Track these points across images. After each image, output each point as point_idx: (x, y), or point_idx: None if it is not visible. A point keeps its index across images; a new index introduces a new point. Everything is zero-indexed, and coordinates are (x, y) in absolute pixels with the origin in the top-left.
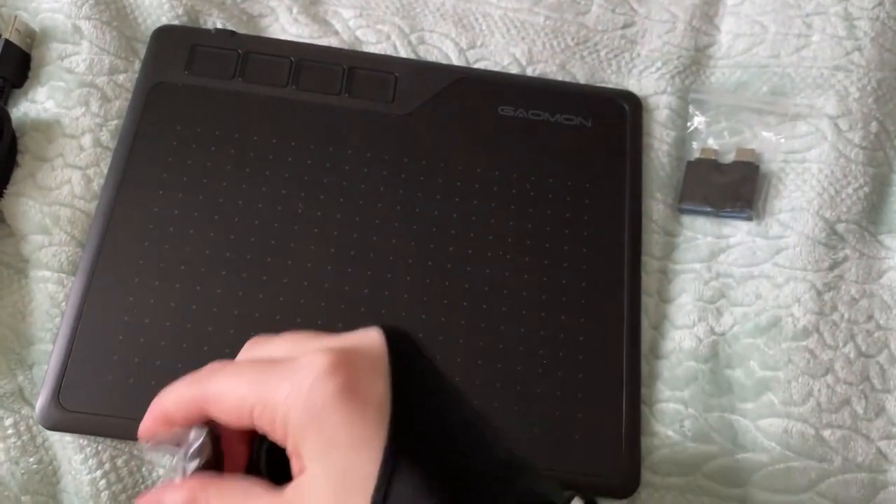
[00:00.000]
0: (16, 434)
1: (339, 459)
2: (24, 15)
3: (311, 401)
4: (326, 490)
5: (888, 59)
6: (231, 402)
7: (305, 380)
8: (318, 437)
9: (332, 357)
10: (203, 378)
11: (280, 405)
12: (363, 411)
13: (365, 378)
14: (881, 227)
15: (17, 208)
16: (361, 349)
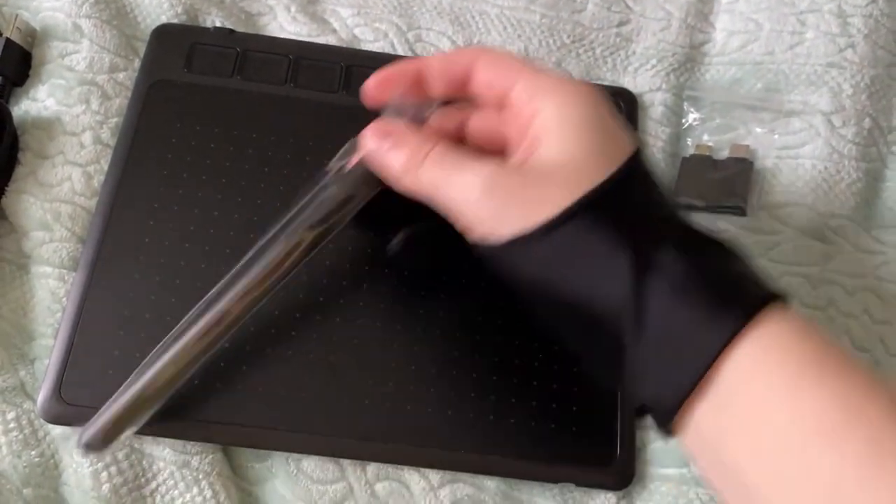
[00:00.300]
0: (18, 428)
1: (580, 156)
2: (25, 14)
3: (579, 104)
4: (559, 167)
5: (881, 55)
6: (503, 70)
7: (580, 89)
8: (573, 134)
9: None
10: (479, 50)
11: (549, 93)
12: (613, 139)
13: (616, 115)
14: (874, 221)
15: (18, 205)
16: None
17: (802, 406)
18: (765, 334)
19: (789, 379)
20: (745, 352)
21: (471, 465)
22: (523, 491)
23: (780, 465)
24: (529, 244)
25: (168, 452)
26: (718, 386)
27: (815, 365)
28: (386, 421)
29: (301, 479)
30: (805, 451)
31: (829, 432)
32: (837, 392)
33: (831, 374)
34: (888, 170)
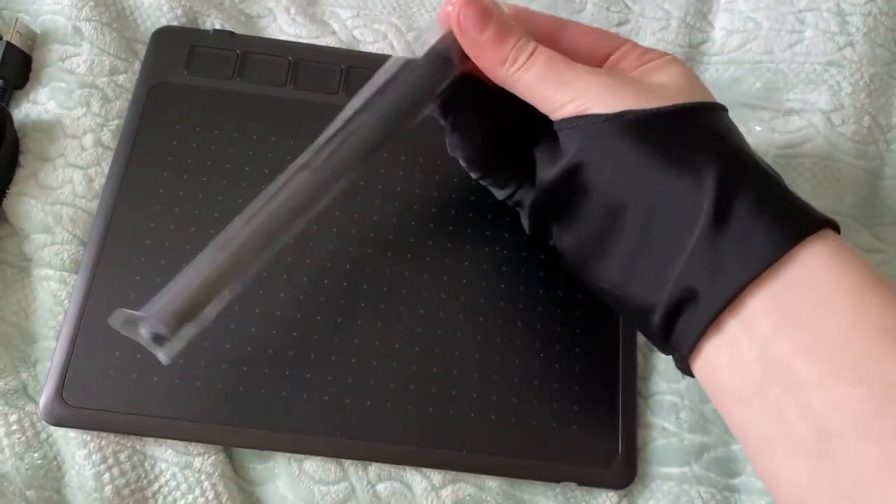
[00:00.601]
0: (20, 430)
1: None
2: (25, 17)
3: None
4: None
5: (880, 54)
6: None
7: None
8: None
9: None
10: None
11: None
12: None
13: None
14: (874, 220)
15: (19, 208)
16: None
17: (864, 308)
18: (831, 244)
19: (853, 283)
20: (814, 252)
21: (472, 464)
22: (525, 490)
23: (834, 363)
24: (637, 118)
25: (170, 454)
26: (779, 282)
27: (876, 277)
28: (387, 421)
29: (303, 480)
30: (862, 351)
31: (887, 333)
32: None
33: (889, 284)
34: (887, 168)
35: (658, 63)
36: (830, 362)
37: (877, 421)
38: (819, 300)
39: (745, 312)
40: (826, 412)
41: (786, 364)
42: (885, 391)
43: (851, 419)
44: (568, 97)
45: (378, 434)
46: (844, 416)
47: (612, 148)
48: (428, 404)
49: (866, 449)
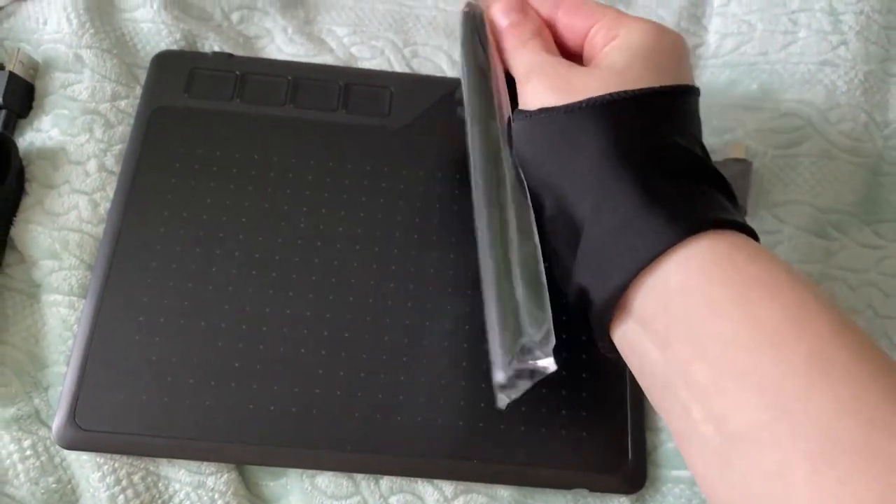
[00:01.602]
0: (34, 455)
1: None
2: (27, 47)
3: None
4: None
5: (874, 51)
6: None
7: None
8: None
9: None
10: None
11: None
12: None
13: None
14: (874, 216)
15: (27, 235)
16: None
17: (751, 314)
18: (720, 244)
19: (736, 290)
20: (687, 258)
21: (483, 474)
22: (537, 498)
23: (727, 370)
24: (547, 116)
25: (183, 474)
26: (663, 285)
27: (766, 282)
28: (397, 434)
29: (316, 496)
30: (752, 357)
31: (776, 339)
32: (787, 304)
33: (782, 291)
34: (885, 164)
35: (618, 41)
36: (724, 369)
37: (771, 428)
38: (701, 305)
39: (639, 313)
40: (727, 416)
41: (683, 366)
42: (777, 398)
43: (748, 425)
44: (524, 85)
45: (388, 447)
46: (744, 421)
47: (528, 142)
48: (437, 416)
49: (762, 455)
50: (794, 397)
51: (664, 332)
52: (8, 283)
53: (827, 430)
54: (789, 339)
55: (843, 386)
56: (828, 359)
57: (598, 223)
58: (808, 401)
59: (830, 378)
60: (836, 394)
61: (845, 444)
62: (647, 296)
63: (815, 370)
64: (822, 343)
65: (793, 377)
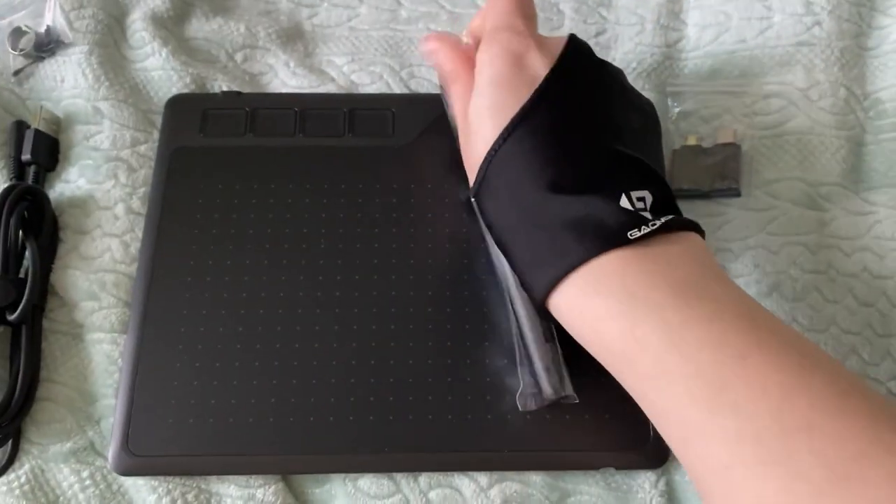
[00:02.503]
0: (93, 484)
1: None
2: (48, 104)
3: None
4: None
5: (847, 28)
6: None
7: (493, 47)
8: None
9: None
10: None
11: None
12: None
13: (531, 58)
14: (862, 184)
15: (66, 279)
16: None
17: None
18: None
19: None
20: (572, 285)
21: (515, 463)
22: (568, 481)
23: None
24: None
25: (233, 489)
26: (563, 306)
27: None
28: (431, 432)
29: (360, 498)
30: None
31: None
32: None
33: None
34: (868, 134)
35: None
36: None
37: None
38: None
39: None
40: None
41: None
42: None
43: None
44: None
45: (424, 445)
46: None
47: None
48: (467, 412)
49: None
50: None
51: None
52: (53, 327)
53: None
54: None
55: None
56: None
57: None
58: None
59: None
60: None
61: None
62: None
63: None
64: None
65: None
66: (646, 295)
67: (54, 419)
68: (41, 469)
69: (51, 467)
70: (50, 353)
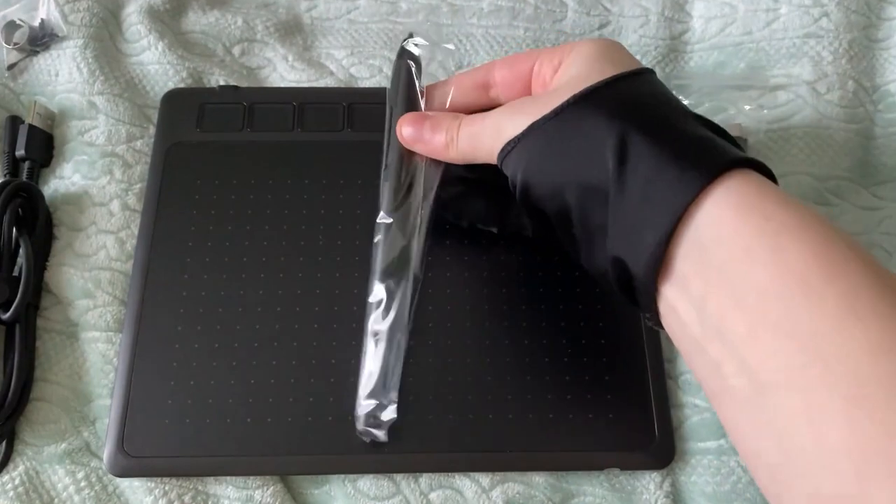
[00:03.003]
0: (89, 486)
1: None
2: (42, 99)
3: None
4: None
5: (855, 20)
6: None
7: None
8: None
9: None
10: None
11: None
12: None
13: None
14: (871, 179)
15: (60, 277)
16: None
17: (784, 260)
18: (742, 188)
19: (769, 233)
20: (718, 205)
21: (517, 463)
22: (571, 482)
23: (761, 317)
24: (541, 127)
25: (231, 490)
26: (697, 238)
27: (797, 228)
28: (431, 432)
29: (359, 499)
30: (786, 304)
31: (809, 285)
32: (818, 250)
33: (813, 234)
34: (877, 127)
35: (566, 63)
36: (758, 317)
37: (804, 372)
38: (737, 254)
39: (675, 274)
40: (758, 366)
41: (718, 320)
42: (810, 343)
43: (781, 372)
44: (489, 143)
45: (424, 445)
46: (774, 368)
47: (530, 160)
48: (467, 411)
49: (794, 400)
50: (826, 341)
51: (702, 289)
52: (47, 326)
53: (857, 372)
54: (821, 285)
55: (874, 329)
56: (859, 302)
57: (622, 191)
58: (840, 344)
59: (861, 321)
60: (868, 336)
61: (876, 384)
62: (684, 255)
63: (845, 314)
64: (852, 287)
65: (824, 322)
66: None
67: (49, 419)
68: (36, 470)
69: (45, 468)
70: (44, 352)
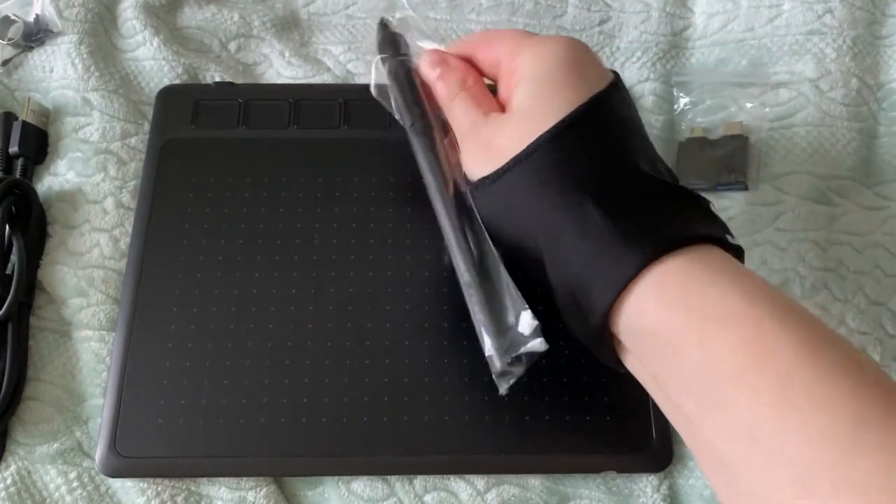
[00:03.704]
0: (81, 486)
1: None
2: (37, 95)
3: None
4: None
5: (860, 16)
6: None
7: (552, 43)
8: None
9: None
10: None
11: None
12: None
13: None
14: (874, 178)
15: (53, 275)
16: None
17: (714, 351)
18: (664, 281)
19: (695, 327)
20: (642, 297)
21: (513, 466)
22: (568, 484)
23: (706, 402)
24: (486, 187)
25: (224, 491)
26: (631, 326)
27: (724, 313)
28: (426, 434)
29: (353, 501)
30: (722, 394)
31: (742, 376)
32: (747, 338)
33: (740, 320)
34: (881, 126)
35: (518, 76)
36: (703, 403)
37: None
38: (667, 346)
39: (627, 344)
40: (714, 440)
41: (674, 398)
42: (754, 431)
43: (733, 453)
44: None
45: (419, 447)
46: (727, 449)
47: (481, 207)
48: (463, 413)
49: (750, 482)
50: (767, 429)
51: (649, 366)
52: (40, 324)
53: (800, 459)
54: (752, 374)
55: (813, 414)
56: (793, 392)
57: (565, 263)
58: (780, 432)
59: (799, 409)
60: (806, 422)
61: (820, 469)
62: (625, 331)
63: (782, 402)
64: (786, 373)
65: (761, 411)
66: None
67: (41, 419)
68: (28, 470)
69: (37, 468)
70: (37, 351)
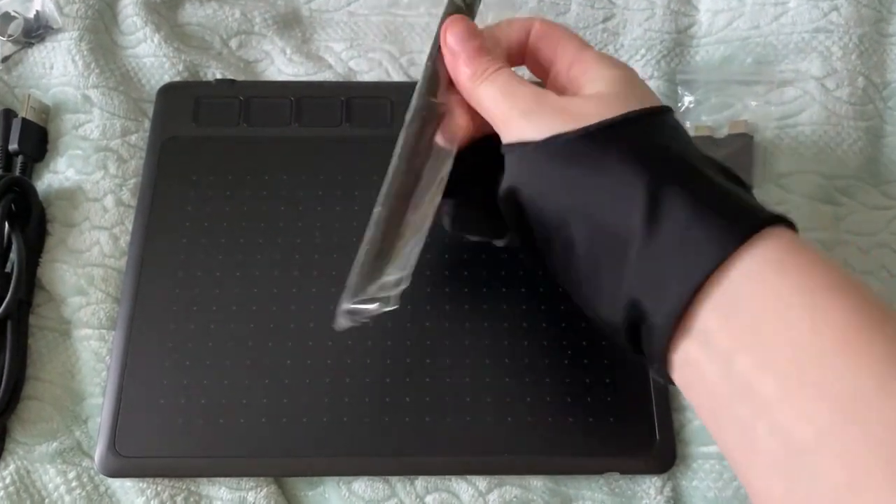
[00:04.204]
0: (80, 486)
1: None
2: (37, 92)
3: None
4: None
5: (866, 14)
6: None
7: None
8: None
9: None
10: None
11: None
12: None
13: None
14: (880, 178)
15: (53, 274)
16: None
17: (823, 319)
18: (779, 245)
19: (806, 291)
20: (755, 260)
21: (515, 467)
22: (570, 486)
23: (795, 378)
24: (568, 143)
25: (224, 491)
26: (729, 293)
27: (832, 280)
28: (428, 434)
29: (354, 501)
30: (824, 364)
31: (849, 345)
32: (857, 310)
33: (850, 294)
34: (888, 125)
35: (595, 75)
36: (792, 378)
37: (842, 436)
38: (772, 312)
39: (699, 327)
40: (792, 428)
41: (748, 380)
42: (849, 405)
43: (817, 435)
44: (505, 119)
45: (420, 448)
46: (810, 431)
47: (541, 174)
48: (465, 414)
49: (834, 469)
50: (866, 403)
51: (727, 346)
52: (40, 323)
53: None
54: (861, 345)
55: None
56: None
57: (653, 236)
58: (881, 407)
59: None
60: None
61: None
62: (711, 308)
63: (888, 376)
64: (894, 349)
65: (865, 382)
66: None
67: (40, 418)
68: (27, 470)
69: (36, 468)
70: (36, 349)
